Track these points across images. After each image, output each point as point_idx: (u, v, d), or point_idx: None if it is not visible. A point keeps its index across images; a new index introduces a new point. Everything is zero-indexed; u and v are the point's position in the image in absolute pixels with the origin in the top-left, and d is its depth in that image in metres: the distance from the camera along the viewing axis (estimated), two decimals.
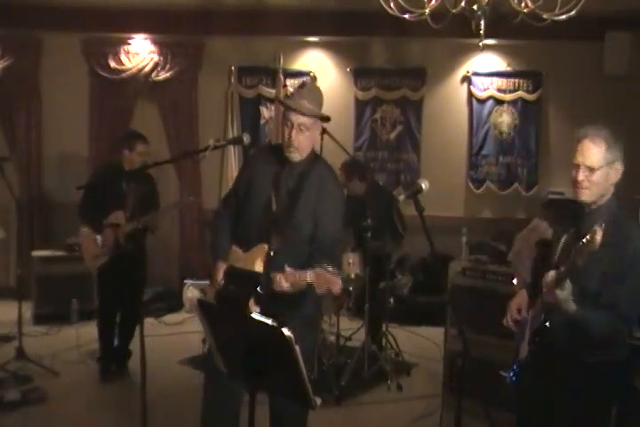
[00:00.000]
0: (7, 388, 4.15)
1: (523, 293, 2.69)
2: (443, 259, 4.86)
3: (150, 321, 5.79)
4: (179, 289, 6.46)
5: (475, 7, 3.43)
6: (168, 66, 6.64)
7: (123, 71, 6.61)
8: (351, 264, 4.65)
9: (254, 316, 2.07)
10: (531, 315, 2.57)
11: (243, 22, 6.38)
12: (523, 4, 3.47)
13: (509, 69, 6.67)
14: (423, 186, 2.60)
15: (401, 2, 3.57)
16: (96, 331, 4.72)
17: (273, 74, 6.70)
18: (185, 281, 6.41)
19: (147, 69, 6.61)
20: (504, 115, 6.71)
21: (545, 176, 6.68)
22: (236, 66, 6.72)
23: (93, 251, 4.57)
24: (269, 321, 2.01)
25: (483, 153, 6.75)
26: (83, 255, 4.75)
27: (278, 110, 6.67)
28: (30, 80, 6.64)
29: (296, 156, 2.82)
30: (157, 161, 3.30)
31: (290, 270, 2.51)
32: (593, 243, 2.02)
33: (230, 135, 6.53)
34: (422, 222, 2.55)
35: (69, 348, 5.05)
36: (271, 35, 6.54)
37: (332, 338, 4.99)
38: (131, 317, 4.65)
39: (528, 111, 6.67)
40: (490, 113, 6.71)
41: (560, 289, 2.19)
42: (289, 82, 6.71)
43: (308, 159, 2.88)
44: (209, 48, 6.73)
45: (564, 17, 3.51)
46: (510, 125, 6.72)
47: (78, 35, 6.57)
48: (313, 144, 2.90)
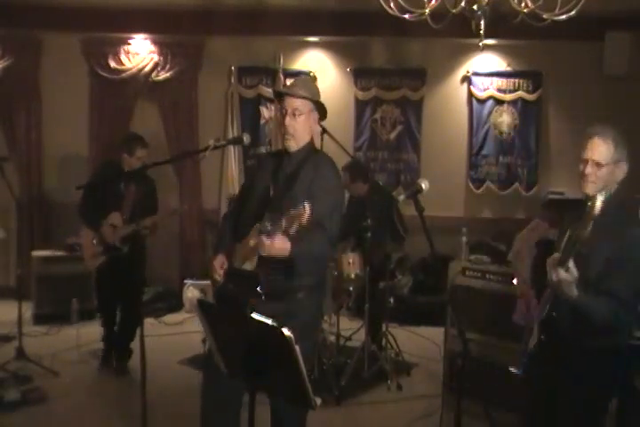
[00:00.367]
0: (7, 388, 4.15)
1: (530, 291, 2.80)
2: (443, 259, 4.85)
3: (150, 321, 5.79)
4: (179, 289, 6.48)
5: (475, 7, 3.43)
6: (168, 66, 6.64)
7: (123, 71, 6.61)
8: (351, 264, 4.65)
9: (254, 316, 2.07)
10: (537, 309, 2.64)
11: (243, 22, 6.38)
12: (523, 4, 3.47)
13: (509, 69, 6.67)
14: (423, 186, 2.60)
15: (401, 2, 3.57)
16: (96, 331, 4.72)
17: (273, 74, 6.70)
18: (185, 281, 6.46)
19: (147, 69, 6.62)
20: (504, 115, 6.72)
21: (545, 176, 6.69)
22: (236, 66, 6.72)
23: (92, 250, 4.61)
24: (269, 321, 2.01)
25: (483, 153, 6.76)
26: (83, 255, 4.79)
27: (278, 110, 6.67)
28: (30, 80, 6.64)
29: (292, 143, 2.83)
30: (157, 161, 3.30)
31: (270, 227, 2.56)
32: (594, 210, 2.15)
33: (230, 135, 6.53)
34: (422, 222, 2.56)
35: (69, 348, 5.04)
36: (271, 35, 6.54)
37: (332, 338, 4.99)
38: (131, 317, 4.65)
39: (528, 111, 6.67)
40: (490, 113, 6.72)
41: (564, 270, 2.25)
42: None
43: (306, 149, 2.89)
44: (209, 48, 6.73)
45: (564, 17, 3.51)
46: (510, 125, 6.72)
47: (78, 35, 6.57)
48: (310, 134, 2.90)
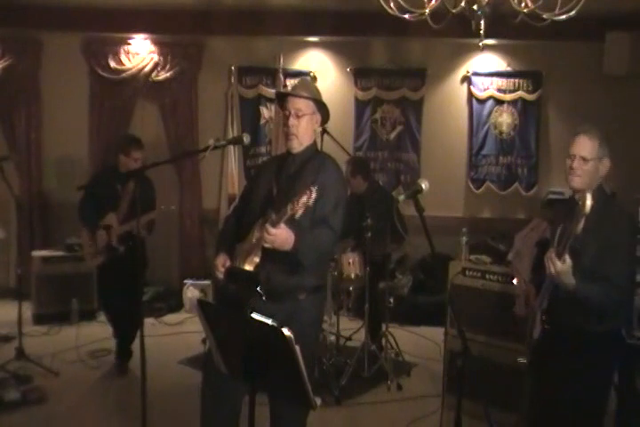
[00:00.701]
0: (7, 388, 4.15)
1: (531, 286, 2.92)
2: (443, 259, 4.85)
3: (150, 321, 5.80)
4: (179, 289, 6.48)
5: (475, 7, 3.42)
6: (168, 66, 6.64)
7: (123, 71, 6.61)
8: (351, 264, 4.66)
9: (254, 316, 2.07)
10: (538, 300, 2.79)
11: (243, 22, 6.38)
12: (523, 4, 3.46)
13: (509, 69, 6.67)
14: (423, 186, 2.61)
15: (401, 2, 3.56)
16: (96, 331, 4.72)
17: (273, 74, 6.70)
18: (185, 281, 6.46)
19: (147, 69, 6.62)
20: (504, 115, 6.72)
21: (545, 176, 6.69)
22: (236, 66, 6.71)
23: (92, 250, 4.66)
24: (269, 321, 2.01)
25: (483, 153, 6.76)
26: (83, 254, 4.84)
27: (278, 111, 6.67)
28: (30, 80, 6.64)
29: (295, 144, 2.84)
30: (157, 161, 3.30)
31: (274, 216, 2.55)
32: (584, 207, 2.31)
33: (230, 135, 6.52)
34: (422, 222, 2.56)
35: (69, 348, 5.05)
36: (271, 35, 6.53)
37: (332, 338, 5.00)
38: (131, 317, 4.65)
39: (528, 111, 6.67)
40: (490, 113, 6.72)
41: (562, 262, 2.42)
42: (289, 82, 6.71)
43: (309, 150, 2.90)
44: (209, 48, 6.73)
45: (564, 17, 3.50)
46: (510, 125, 6.72)
47: (78, 35, 6.57)
48: (313, 135, 2.91)
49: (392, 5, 3.58)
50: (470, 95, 6.74)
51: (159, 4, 6.17)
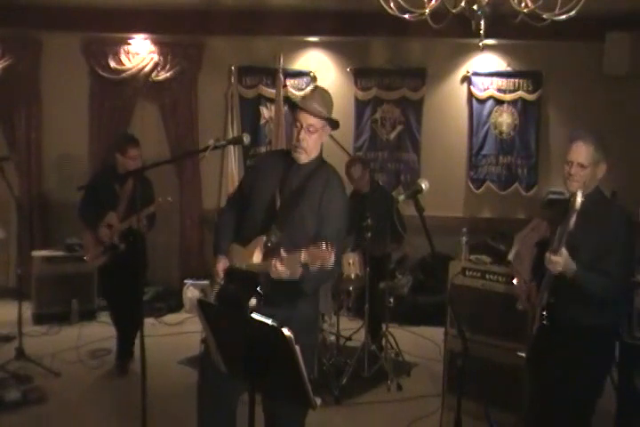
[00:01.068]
0: (7, 388, 4.15)
1: (532, 285, 2.98)
2: (443, 259, 4.85)
3: (150, 321, 5.80)
4: (179, 289, 6.48)
5: (475, 7, 3.42)
6: (168, 66, 6.64)
7: (123, 71, 6.61)
8: (351, 264, 4.65)
9: (254, 316, 2.07)
10: (538, 296, 2.86)
11: (243, 22, 6.38)
12: (523, 4, 3.46)
13: (509, 69, 6.67)
14: (423, 186, 2.61)
15: (401, 2, 3.56)
16: (96, 331, 4.71)
17: (273, 74, 6.70)
18: (185, 281, 6.46)
19: (147, 69, 6.62)
20: (504, 115, 6.72)
21: (545, 176, 6.68)
22: (236, 66, 6.71)
23: (93, 251, 4.66)
24: (269, 321, 2.01)
25: (483, 153, 6.76)
26: (84, 254, 4.83)
27: (278, 110, 6.68)
28: (30, 80, 6.64)
29: (303, 157, 2.83)
30: (157, 161, 3.29)
31: (285, 254, 2.53)
32: (575, 203, 2.41)
33: (230, 135, 6.53)
34: (422, 222, 2.56)
35: (69, 348, 5.05)
36: (271, 35, 6.53)
37: (332, 338, 4.99)
38: (132, 316, 4.65)
39: (528, 111, 6.67)
40: (490, 113, 6.72)
41: (559, 255, 2.56)
42: (289, 82, 6.71)
43: (315, 162, 2.89)
44: (209, 48, 6.73)
45: (564, 17, 3.50)
46: (510, 125, 6.72)
47: (78, 35, 6.57)
48: (320, 148, 2.90)
49: (392, 5, 3.58)
50: (470, 95, 6.74)
51: (159, 4, 6.17)
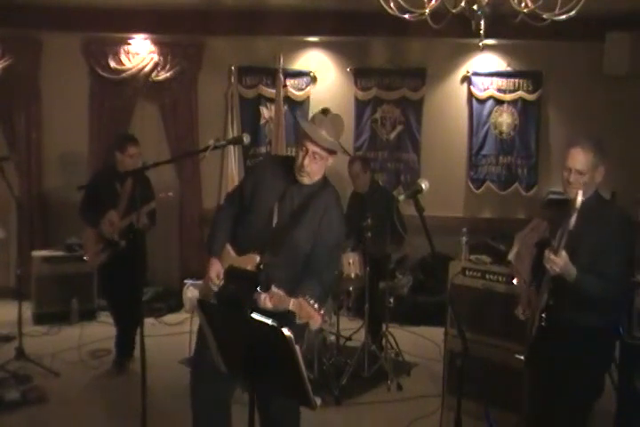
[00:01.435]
0: (7, 388, 4.15)
1: (532, 289, 2.97)
2: (443, 259, 4.85)
3: (150, 321, 5.80)
4: (179, 289, 6.48)
5: (475, 7, 3.42)
6: (168, 66, 6.64)
7: (123, 71, 6.61)
8: (351, 264, 4.65)
9: (254, 316, 2.07)
10: (537, 299, 2.85)
11: (243, 22, 6.38)
12: (523, 4, 3.46)
13: (509, 69, 6.66)
14: (423, 186, 2.61)
15: (401, 2, 3.56)
16: (96, 331, 4.71)
17: (273, 74, 6.70)
18: (185, 281, 6.46)
19: (147, 69, 6.61)
20: (504, 115, 6.71)
21: (545, 176, 6.68)
22: (236, 66, 6.71)
23: (93, 250, 4.69)
24: (269, 321, 2.01)
25: (483, 153, 6.75)
26: (84, 254, 4.85)
27: (278, 110, 6.68)
28: (30, 80, 6.63)
29: (306, 180, 2.85)
30: (157, 161, 3.29)
31: (275, 291, 2.55)
32: (575, 204, 2.42)
33: (230, 135, 6.53)
34: (422, 222, 2.56)
35: (69, 348, 5.05)
36: (271, 35, 6.53)
37: (332, 338, 5.00)
38: (132, 317, 4.65)
39: (528, 111, 6.67)
40: (490, 113, 6.71)
41: (558, 256, 2.57)
42: (289, 82, 6.71)
43: (318, 183, 2.90)
44: (209, 48, 6.73)
45: (564, 17, 3.50)
46: (510, 125, 6.72)
47: (78, 35, 6.57)
48: (324, 171, 2.90)
49: (392, 5, 3.57)
50: (470, 95, 6.74)
51: (159, 4, 6.17)
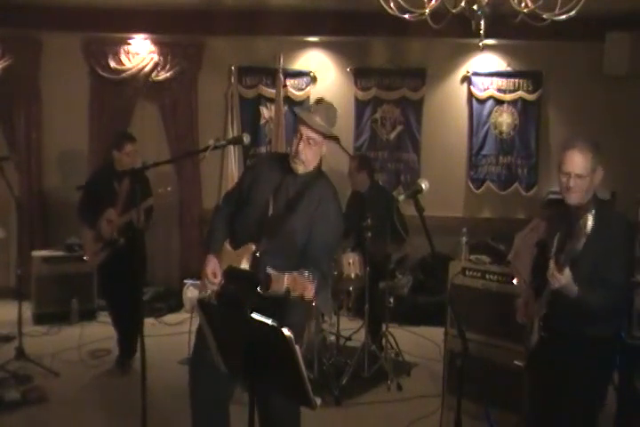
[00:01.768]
0: (7, 388, 4.15)
1: (529, 291, 2.90)
2: (443, 259, 4.85)
3: (150, 321, 5.80)
4: (179, 289, 6.49)
5: (475, 7, 3.42)
6: (168, 66, 6.64)
7: (123, 71, 6.61)
8: (351, 264, 4.65)
9: (254, 316, 2.07)
10: (536, 307, 2.77)
11: (243, 22, 6.38)
12: (523, 4, 3.46)
13: (509, 69, 6.66)
14: (423, 186, 2.61)
15: (401, 2, 3.56)
16: (96, 331, 4.72)
17: (273, 74, 6.70)
18: (185, 281, 6.46)
19: (147, 69, 6.62)
20: (504, 115, 6.71)
21: (545, 176, 6.68)
22: (236, 66, 6.71)
23: (93, 249, 4.69)
24: (269, 321, 2.01)
25: (483, 153, 6.75)
26: (84, 253, 4.86)
27: (278, 110, 6.68)
28: (30, 80, 6.64)
29: (301, 168, 2.85)
30: (157, 161, 3.30)
31: (271, 272, 2.55)
32: (585, 227, 2.33)
33: (230, 135, 6.52)
34: (422, 222, 2.56)
35: (69, 348, 5.05)
36: (271, 35, 6.53)
37: (332, 338, 5.00)
38: (132, 317, 4.65)
39: (528, 111, 6.66)
40: (490, 113, 6.71)
41: (563, 275, 2.45)
42: (289, 82, 6.71)
43: (312, 173, 2.90)
44: (209, 48, 6.73)
45: (564, 17, 3.50)
46: (510, 125, 6.72)
47: (78, 35, 6.57)
48: (318, 159, 2.91)
49: (392, 5, 3.58)
50: (470, 95, 6.73)
51: (159, 4, 6.17)
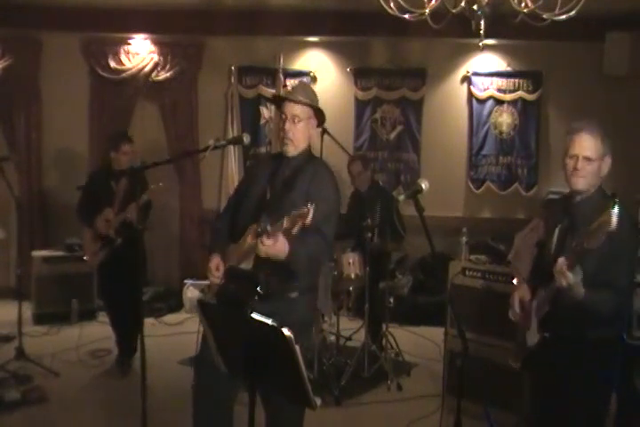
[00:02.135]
0: (7, 388, 4.15)
1: (523, 286, 2.77)
2: (443, 259, 4.85)
3: (150, 321, 5.80)
4: (179, 289, 6.49)
5: (475, 7, 3.42)
6: (168, 66, 6.64)
7: (123, 71, 6.61)
8: (351, 264, 4.65)
9: (254, 316, 2.07)
10: (535, 305, 2.65)
11: (243, 22, 6.38)
12: (523, 4, 3.47)
13: (509, 69, 6.67)
14: (423, 186, 2.61)
15: (401, 2, 3.56)
16: (96, 331, 4.72)
17: (273, 74, 6.70)
18: (185, 281, 6.46)
19: (147, 69, 6.62)
20: (504, 115, 6.72)
21: (545, 176, 6.68)
22: (236, 66, 6.72)
23: (92, 248, 4.71)
24: (269, 321, 2.01)
25: (483, 153, 6.76)
26: (84, 253, 4.87)
27: (277, 114, 6.66)
28: (30, 80, 6.64)
29: (291, 149, 2.85)
30: (157, 161, 3.29)
31: (270, 228, 2.51)
32: (609, 224, 2.12)
33: (230, 135, 6.52)
34: (422, 222, 2.56)
35: (69, 348, 5.05)
36: (271, 35, 6.53)
37: (332, 338, 5.00)
38: (132, 317, 4.65)
39: (528, 111, 6.67)
40: (490, 113, 6.71)
41: (572, 273, 2.30)
42: (289, 82, 6.71)
43: (304, 155, 2.90)
44: (209, 48, 6.73)
45: (564, 17, 3.50)
46: (510, 125, 6.72)
47: (78, 35, 6.57)
48: (308, 139, 2.91)
49: (392, 5, 3.58)
50: (470, 95, 6.74)
51: (159, 4, 6.17)
